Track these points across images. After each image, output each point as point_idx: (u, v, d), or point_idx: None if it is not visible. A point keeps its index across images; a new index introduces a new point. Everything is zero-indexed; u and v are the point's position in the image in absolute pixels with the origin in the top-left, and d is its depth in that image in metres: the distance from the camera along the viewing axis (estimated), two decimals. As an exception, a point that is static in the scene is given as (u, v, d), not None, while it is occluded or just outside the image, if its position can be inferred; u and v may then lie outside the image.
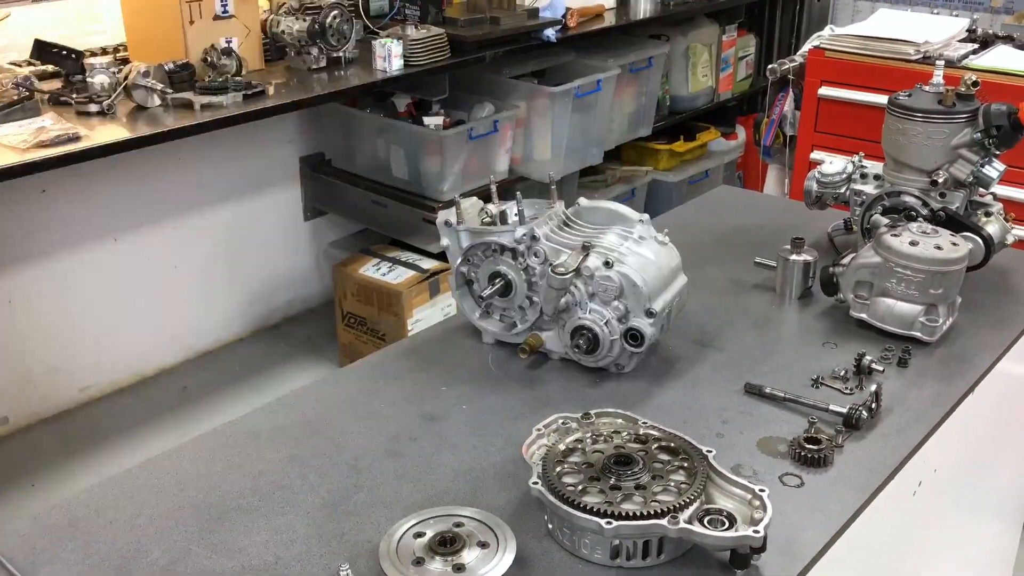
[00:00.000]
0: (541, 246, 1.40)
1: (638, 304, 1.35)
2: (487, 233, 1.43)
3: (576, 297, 1.38)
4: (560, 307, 1.39)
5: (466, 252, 1.46)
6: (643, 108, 3.93)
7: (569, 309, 1.39)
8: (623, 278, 1.34)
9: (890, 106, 1.66)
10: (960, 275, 1.48)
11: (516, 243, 1.41)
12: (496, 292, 1.44)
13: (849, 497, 1.16)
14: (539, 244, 1.40)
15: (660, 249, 1.40)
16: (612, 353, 1.38)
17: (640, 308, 1.35)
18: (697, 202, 2.23)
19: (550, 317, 1.43)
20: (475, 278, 1.47)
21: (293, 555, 1.06)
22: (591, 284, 1.36)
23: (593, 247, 1.38)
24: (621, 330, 1.36)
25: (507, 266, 1.43)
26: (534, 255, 1.40)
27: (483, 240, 1.44)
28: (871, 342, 1.49)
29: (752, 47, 4.53)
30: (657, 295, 1.36)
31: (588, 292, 1.37)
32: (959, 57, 2.70)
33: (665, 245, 1.42)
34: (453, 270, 1.48)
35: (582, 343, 1.38)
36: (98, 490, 1.19)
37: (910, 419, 1.31)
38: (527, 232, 1.40)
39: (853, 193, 1.73)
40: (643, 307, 1.35)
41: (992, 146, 1.60)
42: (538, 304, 1.42)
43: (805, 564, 1.05)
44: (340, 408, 1.35)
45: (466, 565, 0.98)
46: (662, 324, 1.38)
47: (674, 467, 1.07)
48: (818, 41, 2.88)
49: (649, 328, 1.35)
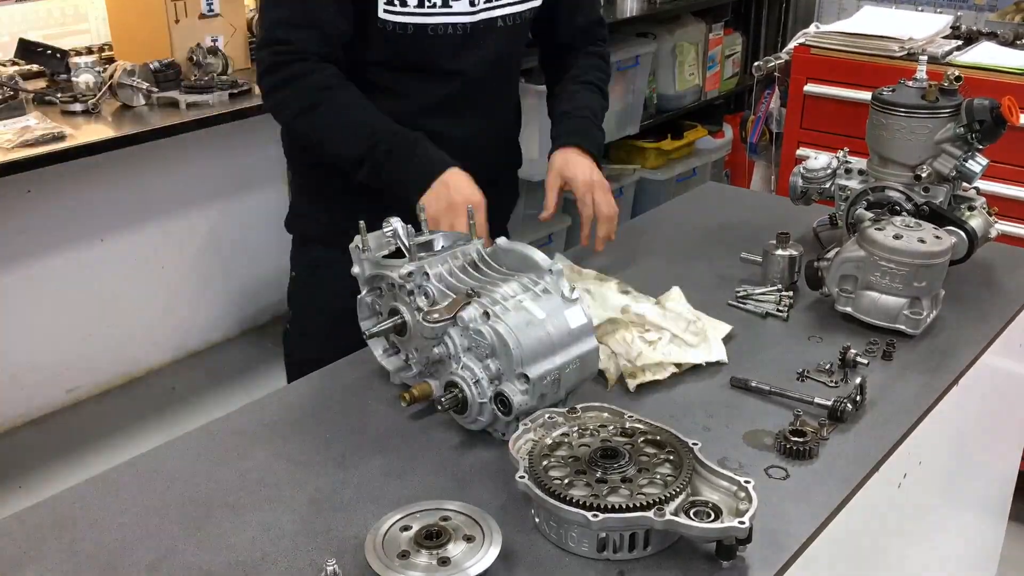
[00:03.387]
0: (431, 287, 1.26)
1: (510, 367, 1.18)
2: (383, 266, 1.31)
3: (450, 349, 1.23)
4: (433, 356, 1.25)
5: (369, 282, 1.35)
6: (630, 107, 3.93)
7: (443, 360, 1.24)
8: (495, 336, 1.18)
9: (874, 101, 1.67)
10: (943, 268, 1.49)
11: (403, 281, 1.27)
12: (387, 330, 1.32)
13: (834, 489, 1.17)
14: (429, 284, 1.26)
15: (559, 308, 1.22)
16: (483, 417, 1.22)
17: (512, 372, 1.18)
18: (684, 198, 2.24)
19: (423, 367, 1.31)
20: (380, 310, 1.36)
21: (280, 551, 1.06)
22: (466, 336, 1.21)
23: (479, 296, 1.22)
24: (491, 393, 1.21)
25: (403, 304, 1.30)
26: (424, 295, 1.26)
27: (378, 272, 1.32)
28: (856, 335, 1.49)
29: (739, 45, 4.54)
30: (534, 360, 1.18)
31: (463, 345, 1.22)
32: (943, 54, 2.71)
33: (571, 303, 1.23)
34: (359, 300, 1.37)
35: (448, 401, 1.22)
36: (83, 488, 1.18)
37: (894, 411, 1.32)
38: (415, 270, 1.26)
39: (838, 188, 1.74)
40: (515, 371, 1.18)
41: (975, 141, 1.61)
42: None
43: (790, 555, 1.05)
44: (327, 405, 1.35)
45: (451, 558, 0.98)
46: (541, 393, 1.19)
47: (660, 460, 1.08)
48: (803, 38, 2.89)
49: (519, 396, 1.17)
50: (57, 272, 3.01)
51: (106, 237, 3.11)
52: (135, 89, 2.62)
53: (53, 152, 2.34)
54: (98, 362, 3.20)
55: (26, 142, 2.34)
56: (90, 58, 2.76)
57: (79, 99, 2.58)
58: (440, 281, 1.27)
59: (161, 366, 3.37)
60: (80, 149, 2.39)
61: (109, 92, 2.62)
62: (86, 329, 3.13)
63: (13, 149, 2.31)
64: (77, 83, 2.61)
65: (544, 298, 1.23)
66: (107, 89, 2.61)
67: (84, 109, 2.57)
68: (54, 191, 2.90)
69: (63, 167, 2.45)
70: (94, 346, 3.17)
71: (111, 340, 3.21)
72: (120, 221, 3.12)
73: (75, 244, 3.04)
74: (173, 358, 3.41)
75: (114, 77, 2.62)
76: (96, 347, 3.17)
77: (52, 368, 3.08)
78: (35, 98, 2.63)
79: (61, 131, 2.39)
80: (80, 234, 3.04)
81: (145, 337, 3.31)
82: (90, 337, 3.15)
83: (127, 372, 3.30)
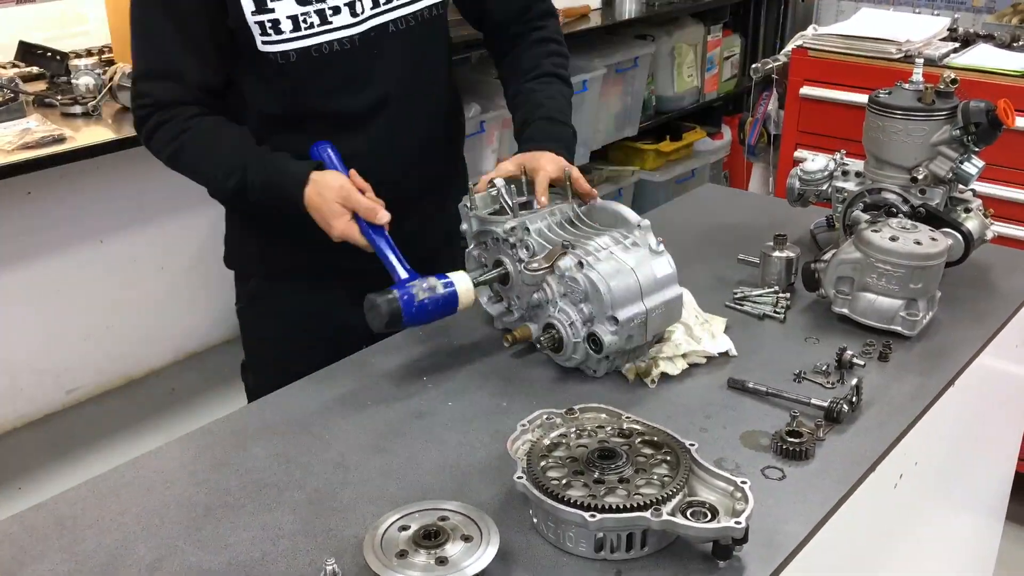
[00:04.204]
0: (531, 240, 1.42)
1: (601, 310, 1.33)
2: (488, 222, 1.47)
3: (548, 295, 1.39)
4: (533, 302, 1.41)
5: (476, 237, 1.50)
6: (629, 108, 3.94)
7: (542, 305, 1.40)
8: (588, 282, 1.33)
9: (870, 104, 1.68)
10: (939, 270, 1.50)
11: (506, 235, 1.43)
12: (492, 279, 1.47)
13: (830, 489, 1.17)
14: (530, 238, 1.42)
15: (647, 258, 1.37)
16: (576, 355, 1.38)
17: (603, 314, 1.33)
18: (682, 200, 2.25)
19: (524, 311, 1.45)
20: (486, 263, 1.51)
21: (279, 551, 1.07)
22: (562, 284, 1.37)
23: (574, 248, 1.38)
24: (584, 333, 1.36)
25: (507, 256, 1.46)
26: (524, 248, 1.42)
27: (485, 228, 1.48)
28: (852, 337, 1.50)
29: (737, 47, 4.54)
30: (624, 304, 1.33)
31: (560, 291, 1.38)
32: (940, 56, 2.72)
33: (658, 255, 1.38)
34: (467, 253, 1.53)
35: (546, 340, 1.39)
36: (83, 489, 1.19)
37: (890, 412, 1.33)
38: (517, 225, 1.42)
39: (835, 190, 1.74)
40: (606, 314, 1.33)
41: (971, 143, 1.61)
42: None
43: (786, 555, 1.06)
44: (327, 405, 1.36)
45: (449, 558, 0.99)
46: (630, 334, 1.34)
47: (657, 461, 1.09)
48: (801, 41, 2.90)
49: (609, 336, 1.33)
50: (57, 273, 3.02)
51: (106, 239, 3.11)
52: (135, 91, 2.63)
53: (53, 154, 2.34)
54: (98, 363, 3.20)
55: (26, 144, 2.34)
56: (90, 60, 2.77)
57: (79, 101, 2.59)
58: (539, 235, 1.43)
59: (161, 367, 3.37)
60: (80, 151, 2.39)
61: (109, 94, 2.63)
62: (86, 330, 3.14)
63: (13, 151, 2.32)
64: (77, 85, 2.62)
65: (633, 250, 1.37)
66: (107, 91, 2.62)
67: (84, 111, 2.57)
68: (54, 193, 2.91)
69: (63, 169, 2.45)
70: (94, 347, 3.17)
71: (111, 341, 3.22)
72: (120, 223, 3.12)
73: (75, 246, 3.04)
74: (173, 359, 3.41)
75: (114, 79, 2.62)
76: (96, 348, 3.18)
77: (52, 368, 3.09)
78: (35, 100, 2.63)
79: (61, 133, 2.40)
80: (80, 236, 3.04)
81: (145, 338, 3.32)
82: (90, 338, 3.16)
83: (127, 373, 3.30)
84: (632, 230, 1.41)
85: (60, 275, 3.02)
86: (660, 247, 1.39)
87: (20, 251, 2.91)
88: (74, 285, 3.07)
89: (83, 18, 3.04)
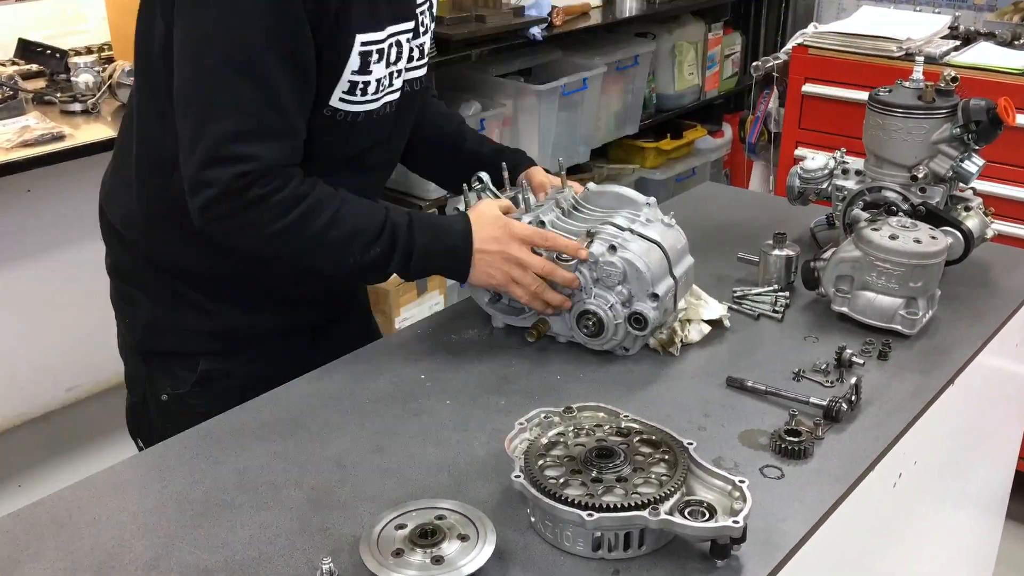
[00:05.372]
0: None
1: (641, 289, 1.38)
2: None
3: (582, 282, 1.41)
4: (566, 292, 1.42)
5: None
6: (629, 106, 3.94)
7: (575, 294, 1.42)
8: (626, 264, 1.37)
9: (870, 102, 1.67)
10: (939, 268, 1.50)
11: None
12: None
13: (829, 488, 1.17)
14: (547, 231, 1.43)
15: (666, 232, 1.43)
16: (617, 336, 1.42)
17: (644, 292, 1.38)
18: (681, 198, 2.24)
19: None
20: None
21: (276, 549, 1.07)
22: (596, 270, 1.40)
23: (598, 233, 1.41)
24: (625, 314, 1.39)
25: None
26: None
27: None
28: (852, 335, 1.50)
29: (738, 45, 4.54)
30: (660, 279, 1.39)
31: (593, 277, 1.40)
32: (941, 54, 2.71)
33: (671, 227, 1.44)
34: None
35: (587, 327, 1.41)
36: (81, 487, 1.19)
37: (890, 411, 1.32)
38: (532, 220, 1.44)
39: (835, 188, 1.74)
40: (646, 291, 1.38)
41: (972, 141, 1.61)
42: None
43: (785, 554, 1.06)
44: (325, 404, 1.36)
45: (445, 557, 0.98)
46: (666, 307, 1.40)
47: (655, 459, 1.08)
48: (802, 39, 2.89)
49: (652, 312, 1.38)
50: (57, 272, 3.02)
51: (105, 237, 3.11)
52: (134, 89, 2.63)
53: (52, 152, 2.35)
54: (98, 362, 3.20)
55: (25, 142, 2.34)
56: (89, 58, 2.77)
57: (78, 99, 2.59)
58: (552, 227, 1.44)
59: (160, 365, 3.37)
60: (79, 149, 2.39)
61: (108, 92, 2.63)
62: (86, 329, 3.13)
63: (12, 149, 2.32)
64: (76, 83, 2.62)
65: (650, 226, 1.42)
66: (106, 89, 2.62)
67: (83, 109, 2.57)
68: (53, 191, 2.91)
69: (62, 167, 2.45)
70: (94, 346, 3.17)
71: (111, 340, 3.21)
72: (119, 221, 3.12)
73: (74, 244, 3.04)
74: (172, 357, 3.40)
75: (113, 77, 2.62)
76: (96, 347, 3.17)
77: (52, 368, 3.09)
78: (34, 98, 2.64)
79: (60, 131, 2.40)
80: (79, 234, 3.03)
81: (144, 336, 3.31)
82: (90, 337, 3.15)
83: (126, 371, 3.30)
84: (640, 208, 1.44)
85: (60, 273, 3.03)
86: (672, 220, 1.45)
87: (20, 249, 2.92)
88: (73, 283, 3.07)
89: (82, 16, 3.05)
